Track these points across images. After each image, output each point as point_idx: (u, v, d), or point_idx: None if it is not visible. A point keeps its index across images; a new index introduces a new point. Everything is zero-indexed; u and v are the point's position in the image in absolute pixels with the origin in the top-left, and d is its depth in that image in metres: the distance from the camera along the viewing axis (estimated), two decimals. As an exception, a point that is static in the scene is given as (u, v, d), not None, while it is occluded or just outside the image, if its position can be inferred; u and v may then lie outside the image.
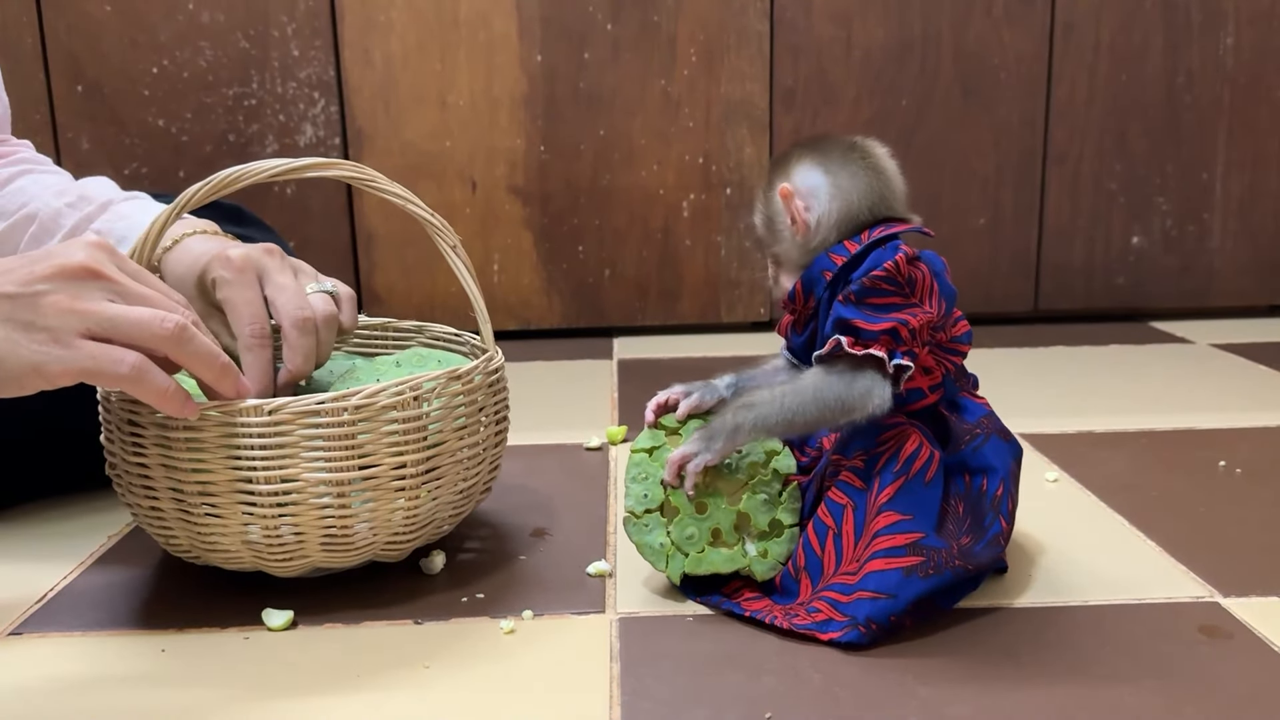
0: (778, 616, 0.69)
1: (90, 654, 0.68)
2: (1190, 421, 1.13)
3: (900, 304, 0.69)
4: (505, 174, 1.56)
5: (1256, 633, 0.69)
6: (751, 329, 1.64)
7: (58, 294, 0.59)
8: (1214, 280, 1.65)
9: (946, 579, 0.69)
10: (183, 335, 0.62)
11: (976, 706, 0.61)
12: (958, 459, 0.73)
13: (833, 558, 0.70)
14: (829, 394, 0.69)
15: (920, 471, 0.70)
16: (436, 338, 0.90)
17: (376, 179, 0.75)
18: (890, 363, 0.68)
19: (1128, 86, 1.58)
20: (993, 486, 0.72)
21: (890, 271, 0.68)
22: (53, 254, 0.61)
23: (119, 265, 0.63)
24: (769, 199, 0.75)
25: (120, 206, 0.87)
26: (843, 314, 0.69)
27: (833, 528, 0.70)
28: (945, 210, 1.60)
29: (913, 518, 0.69)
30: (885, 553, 0.68)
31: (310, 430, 0.67)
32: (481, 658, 0.67)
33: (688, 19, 1.53)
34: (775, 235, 0.75)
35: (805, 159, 0.73)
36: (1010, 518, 0.74)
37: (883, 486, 0.69)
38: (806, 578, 0.71)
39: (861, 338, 0.68)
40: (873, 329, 0.68)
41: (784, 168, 0.74)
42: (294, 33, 1.50)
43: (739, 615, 0.71)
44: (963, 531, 0.71)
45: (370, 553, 0.73)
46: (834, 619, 0.67)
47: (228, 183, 0.70)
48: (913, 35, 1.55)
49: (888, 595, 0.67)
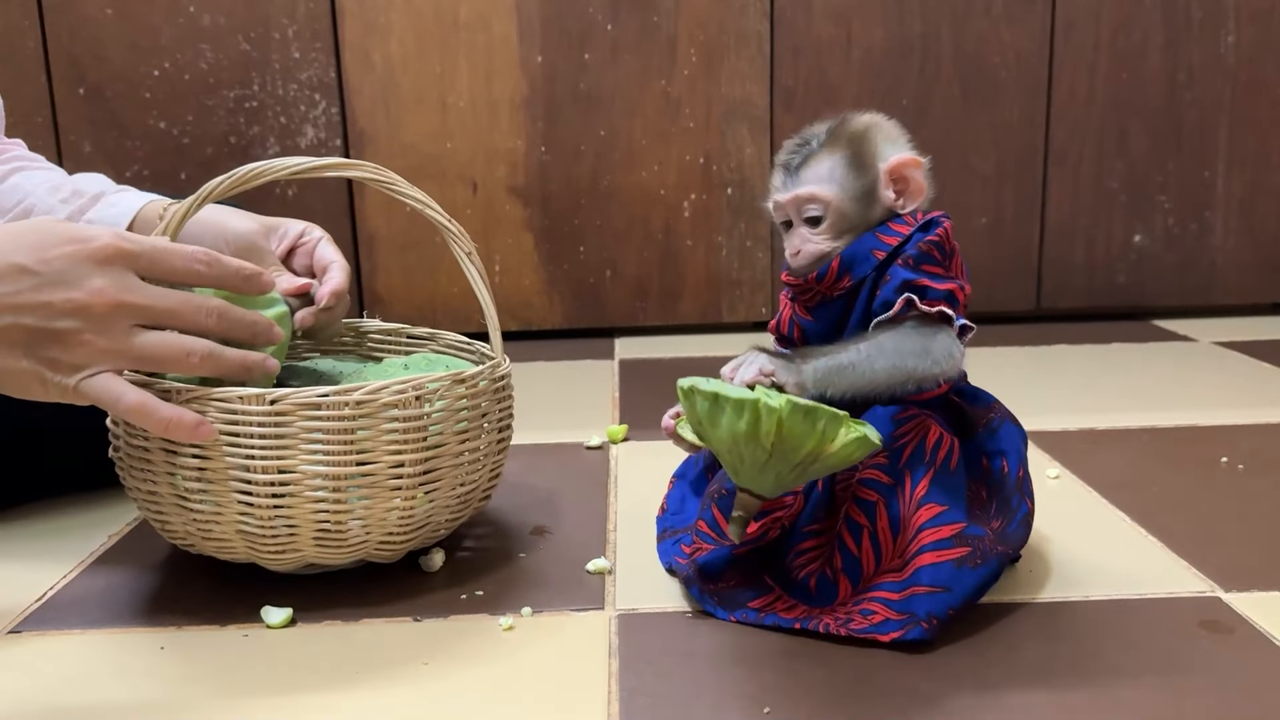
0: (830, 624, 0.67)
1: (90, 651, 0.68)
2: (1192, 418, 1.13)
3: (946, 267, 0.70)
4: (506, 175, 1.56)
5: (1258, 627, 0.68)
6: (753, 328, 1.63)
7: (88, 334, 0.62)
8: (1216, 278, 1.65)
9: (993, 567, 0.69)
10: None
11: (977, 702, 0.60)
12: (974, 443, 0.73)
13: (871, 556, 0.69)
14: (911, 345, 0.67)
15: (946, 460, 0.70)
16: (448, 345, 0.90)
17: (396, 181, 0.75)
18: (956, 324, 0.69)
19: (1128, 85, 1.58)
20: (1013, 468, 0.73)
21: (941, 239, 0.70)
22: (71, 288, 0.61)
23: (139, 281, 0.64)
24: (866, 164, 0.72)
25: (111, 196, 0.88)
26: (907, 276, 0.69)
27: (867, 526, 0.69)
28: (946, 209, 1.58)
29: (949, 508, 0.68)
30: (933, 546, 0.67)
31: (310, 422, 0.67)
32: (481, 655, 0.67)
33: (687, 19, 1.53)
34: (864, 203, 0.72)
35: (888, 128, 0.74)
36: (1033, 497, 0.74)
37: (917, 479, 0.69)
38: (845, 579, 0.70)
39: (929, 296, 0.68)
40: (939, 288, 0.69)
41: (878, 134, 0.73)
42: (294, 35, 1.50)
43: (787, 628, 0.69)
44: (991, 515, 0.72)
45: (364, 551, 0.73)
46: (891, 619, 0.66)
47: (250, 178, 0.70)
48: (912, 34, 1.55)
49: (943, 589, 0.66)
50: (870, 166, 0.72)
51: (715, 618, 0.71)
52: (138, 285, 0.63)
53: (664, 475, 0.90)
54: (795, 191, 0.72)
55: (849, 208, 0.72)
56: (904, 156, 0.72)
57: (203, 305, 0.66)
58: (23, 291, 0.60)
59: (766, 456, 0.63)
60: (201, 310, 0.66)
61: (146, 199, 0.89)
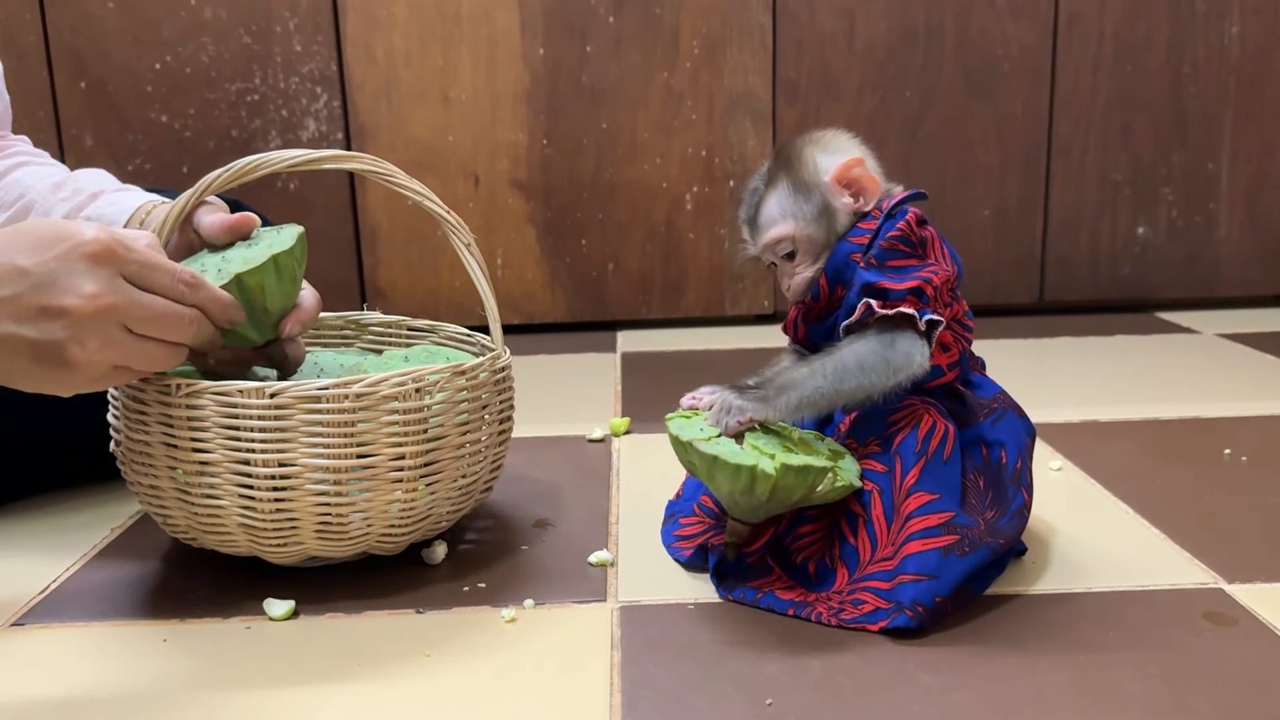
0: (823, 613, 0.68)
1: (93, 644, 0.68)
2: (1195, 410, 1.13)
3: (917, 265, 0.70)
4: (508, 169, 1.56)
5: (1261, 619, 0.68)
6: (755, 322, 1.63)
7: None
8: (1220, 270, 1.64)
9: (983, 556, 0.69)
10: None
11: (979, 693, 0.60)
12: (975, 432, 0.73)
13: (867, 544, 0.70)
14: (871, 358, 0.68)
15: (938, 449, 0.70)
16: (449, 337, 0.90)
17: (395, 174, 0.75)
18: (921, 320, 0.68)
19: (1132, 77, 1.58)
20: (1011, 459, 0.73)
21: (904, 231, 0.70)
22: (64, 295, 0.61)
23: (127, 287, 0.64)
24: (809, 185, 0.73)
25: (111, 195, 0.88)
26: (867, 278, 0.69)
27: (862, 514, 0.70)
28: (950, 203, 1.59)
29: (940, 496, 0.69)
30: (921, 534, 0.67)
31: (310, 415, 0.67)
32: (483, 647, 0.67)
33: (690, 12, 1.52)
34: (824, 220, 0.73)
35: (823, 138, 0.75)
36: (1030, 489, 0.74)
37: (907, 468, 0.69)
38: (843, 567, 0.70)
39: (889, 298, 0.69)
40: (899, 288, 0.69)
41: (814, 149, 0.74)
42: (296, 28, 1.50)
43: (780, 611, 0.69)
44: (986, 506, 0.72)
45: (366, 544, 0.73)
46: (880, 608, 0.67)
47: (246, 170, 0.70)
48: (916, 27, 1.54)
49: (929, 576, 0.66)
50: (814, 184, 0.74)
51: (718, 594, 0.72)
52: (126, 288, 0.63)
53: (665, 468, 0.90)
54: (761, 240, 0.75)
55: (812, 230, 0.74)
56: (841, 160, 0.73)
57: (184, 314, 0.66)
58: (21, 295, 0.60)
59: (760, 504, 0.69)
60: (184, 319, 0.66)
61: (146, 199, 0.89)
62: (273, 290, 0.71)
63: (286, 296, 0.73)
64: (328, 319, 0.92)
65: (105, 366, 0.63)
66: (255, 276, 0.70)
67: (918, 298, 0.69)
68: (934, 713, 0.59)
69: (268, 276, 0.70)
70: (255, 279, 0.70)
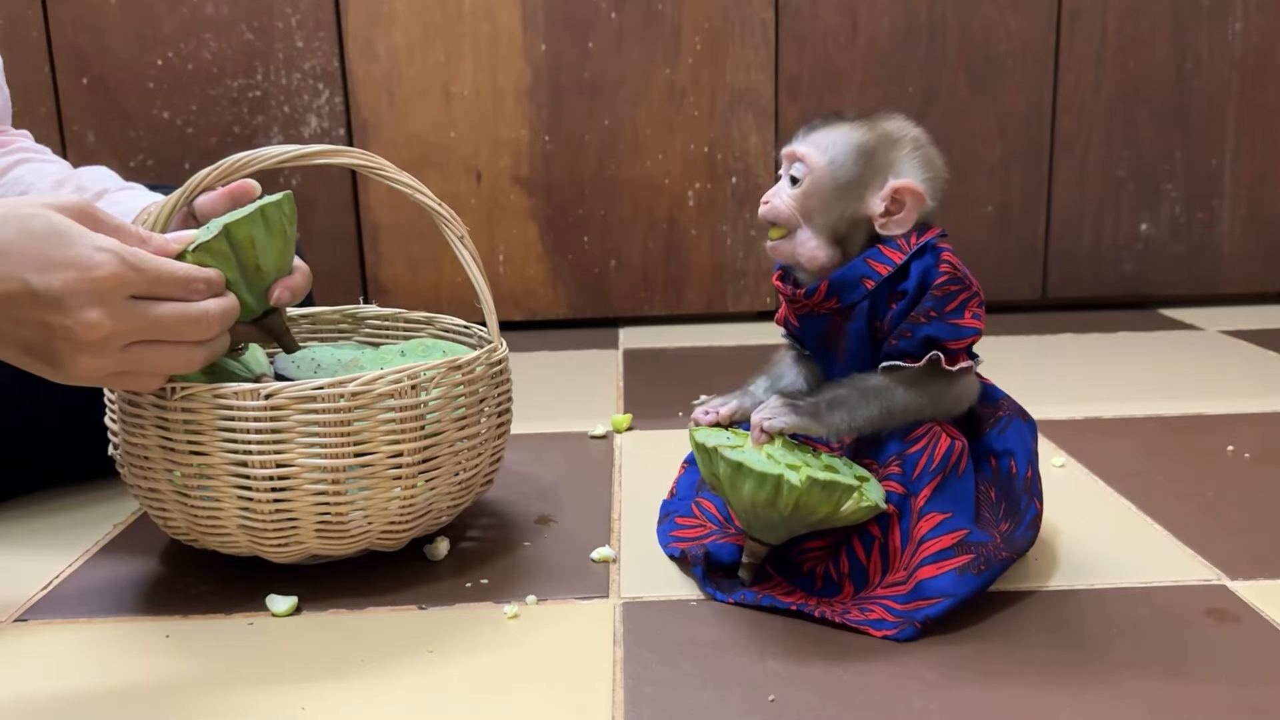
0: (827, 611, 0.68)
1: (95, 641, 0.68)
2: (1198, 407, 1.13)
3: (968, 298, 0.69)
4: (510, 165, 1.56)
5: (1264, 616, 0.68)
6: (757, 318, 1.63)
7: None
8: (1223, 267, 1.64)
9: (997, 572, 0.69)
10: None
11: (982, 690, 0.60)
12: (983, 443, 0.73)
13: (878, 566, 0.69)
14: (929, 406, 0.70)
15: (954, 466, 0.69)
16: (446, 329, 0.90)
17: (385, 167, 0.74)
18: (976, 364, 0.71)
19: (1135, 73, 1.57)
20: (1021, 468, 0.73)
21: (950, 272, 0.69)
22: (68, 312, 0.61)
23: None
24: (871, 166, 0.70)
25: (115, 195, 0.88)
26: (930, 333, 0.68)
27: (879, 537, 0.69)
28: (952, 198, 1.57)
29: (953, 515, 0.68)
30: (934, 557, 0.67)
31: (306, 415, 0.67)
32: (485, 643, 0.67)
33: (692, 7, 1.52)
34: (849, 201, 0.69)
35: (930, 156, 0.72)
36: (1042, 498, 0.74)
37: (920, 488, 0.68)
38: (850, 584, 0.70)
39: (950, 355, 0.69)
40: (958, 345, 0.69)
41: (910, 154, 0.71)
42: (298, 24, 1.50)
43: (783, 609, 0.69)
44: (1000, 518, 0.71)
45: (366, 541, 0.73)
46: (887, 620, 0.66)
47: (236, 167, 0.70)
48: (918, 22, 1.54)
49: (945, 597, 0.66)
50: (877, 167, 0.69)
51: (715, 600, 0.71)
52: (132, 311, 0.63)
53: (667, 464, 0.90)
54: (793, 146, 0.71)
55: (827, 186, 0.69)
56: (913, 182, 0.70)
57: (198, 313, 0.65)
58: (22, 309, 0.60)
59: (781, 519, 0.67)
60: (200, 321, 0.66)
61: (149, 199, 0.88)
62: (263, 244, 0.70)
63: (280, 254, 0.71)
64: (324, 313, 0.92)
65: (106, 373, 0.63)
66: (244, 228, 0.68)
67: (971, 348, 0.70)
68: (936, 709, 0.59)
69: (256, 228, 0.69)
70: (244, 230, 0.68)
